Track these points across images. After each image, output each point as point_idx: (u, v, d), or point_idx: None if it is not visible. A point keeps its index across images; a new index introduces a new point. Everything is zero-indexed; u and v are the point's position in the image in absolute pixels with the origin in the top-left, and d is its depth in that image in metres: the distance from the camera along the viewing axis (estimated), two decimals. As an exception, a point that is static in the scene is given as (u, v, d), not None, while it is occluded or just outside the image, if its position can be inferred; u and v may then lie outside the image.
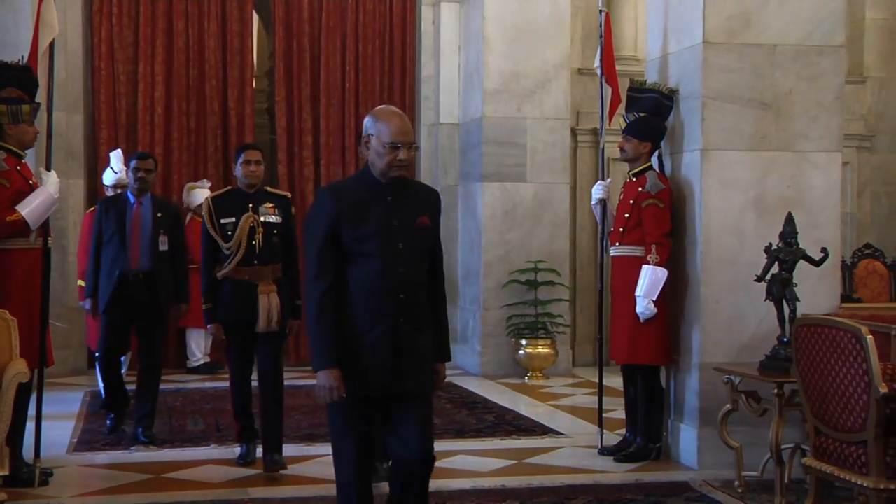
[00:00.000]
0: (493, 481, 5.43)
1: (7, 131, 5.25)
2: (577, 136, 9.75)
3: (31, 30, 5.58)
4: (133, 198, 6.31)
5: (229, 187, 6.09)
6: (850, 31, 8.99)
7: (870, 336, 4.06)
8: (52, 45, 5.48)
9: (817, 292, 5.60)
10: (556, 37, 9.03)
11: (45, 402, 5.45)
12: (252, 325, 5.53)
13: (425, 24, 9.77)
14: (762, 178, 5.71)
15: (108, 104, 9.22)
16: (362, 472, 3.65)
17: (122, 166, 7.11)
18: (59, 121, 8.76)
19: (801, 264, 5.16)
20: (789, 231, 5.16)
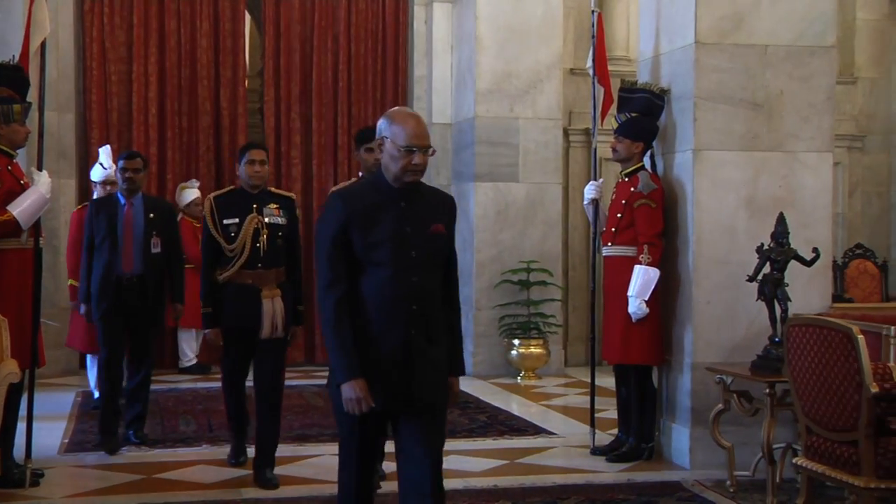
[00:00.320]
0: (486, 481, 5.43)
1: (-2, 131, 5.23)
2: (570, 136, 9.77)
3: (22, 29, 5.56)
4: (123, 199, 6.19)
5: (232, 186, 5.86)
6: (841, 31, 9.03)
7: (861, 336, 4.07)
8: (43, 45, 5.47)
9: (808, 292, 5.62)
10: (548, 37, 9.04)
11: (36, 402, 5.43)
12: (254, 332, 5.32)
13: (417, 24, 9.77)
14: (754, 178, 5.72)
15: (100, 104, 9.20)
16: (364, 479, 3.57)
17: (112, 162, 6.98)
18: (50, 120, 8.74)
19: (793, 264, 5.17)
20: (781, 231, 5.17)
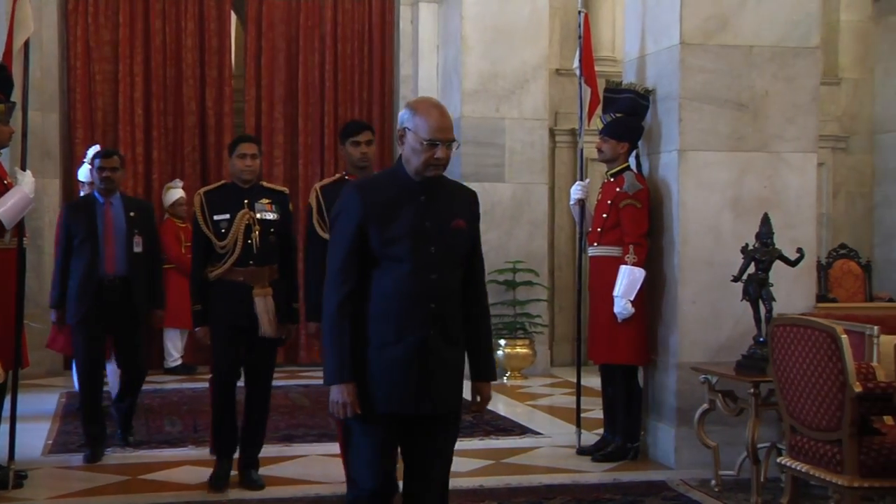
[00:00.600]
0: (472, 481, 5.43)
1: (-18, 131, 5.19)
2: (556, 136, 9.78)
3: (5, 28, 5.53)
4: (102, 198, 5.98)
5: (223, 181, 5.65)
6: (825, 33, 9.07)
7: (844, 336, 4.08)
8: (27, 44, 5.43)
9: (793, 292, 5.64)
10: (534, 37, 9.05)
11: (19, 403, 5.38)
12: (245, 332, 5.19)
13: (404, 24, 9.76)
14: (739, 178, 5.74)
15: (84, 103, 9.16)
16: (385, 487, 3.32)
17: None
18: (34, 120, 8.68)
19: (777, 264, 5.18)
20: (765, 231, 5.18)
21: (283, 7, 9.52)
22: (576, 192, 6.23)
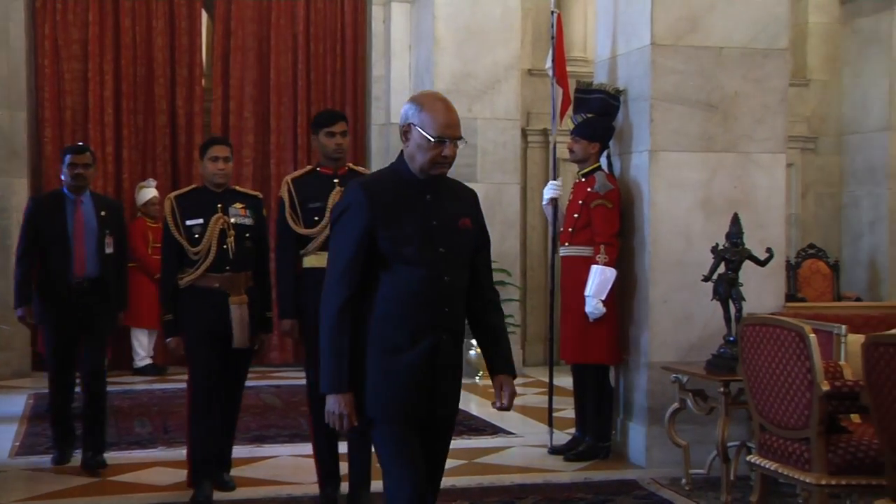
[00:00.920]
0: (444, 481, 5.29)
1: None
2: (528, 136, 9.80)
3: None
4: (72, 196, 5.69)
5: (194, 185, 5.53)
6: (794, 34, 9.17)
7: (813, 335, 4.12)
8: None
9: (762, 292, 5.67)
10: (506, 38, 9.06)
11: (-14, 404, 5.36)
12: (222, 341, 5.01)
13: (376, 24, 9.75)
14: (709, 179, 5.77)
15: (53, 102, 9.07)
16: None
17: None
18: (1, 119, 8.63)
19: (747, 264, 5.22)
20: (735, 231, 5.21)
21: (254, 6, 9.47)
22: (549, 191, 6.24)
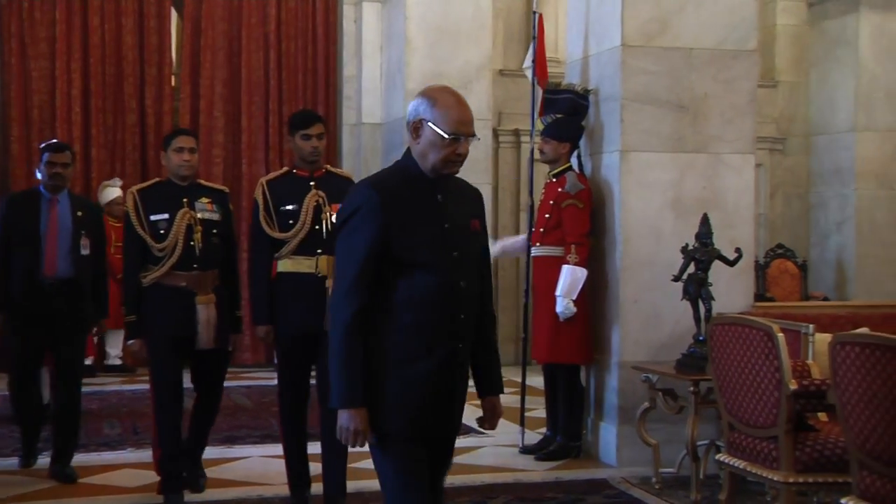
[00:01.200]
0: (415, 481, 5.42)
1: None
2: (499, 136, 9.82)
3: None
4: (48, 194, 5.51)
5: (157, 179, 5.32)
6: (762, 36, 9.23)
7: (781, 334, 4.15)
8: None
9: (732, 291, 5.71)
10: (477, 38, 9.07)
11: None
12: (189, 342, 4.85)
13: (347, 24, 9.75)
14: (679, 179, 5.81)
15: (20, 100, 8.99)
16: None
17: None
18: (-33, 117, 8.53)
19: (717, 264, 5.25)
20: (705, 231, 5.25)
21: (224, 5, 9.42)
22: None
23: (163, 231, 4.82)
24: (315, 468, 4.96)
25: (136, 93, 9.23)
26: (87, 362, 7.89)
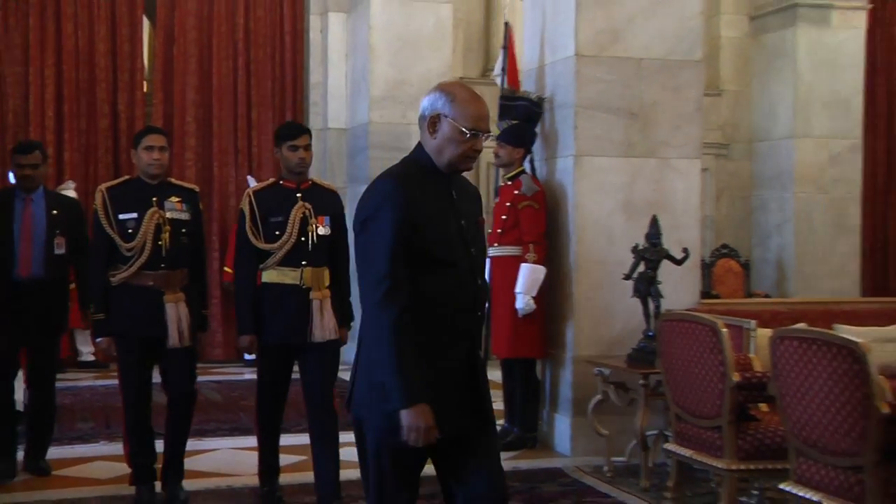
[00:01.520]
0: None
1: None
2: (459, 141, 9.98)
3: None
4: (22, 193, 5.36)
5: (126, 177, 5.19)
6: (708, 47, 9.48)
7: (725, 329, 4.32)
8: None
9: (679, 289, 5.83)
10: (438, 47, 9.17)
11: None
12: (157, 342, 4.75)
13: (313, 33, 9.84)
14: (630, 182, 5.95)
15: (-6, 105, 9.05)
16: None
17: None
18: (-58, 122, 8.52)
19: (665, 263, 5.40)
20: (654, 232, 5.39)
21: (196, 14, 9.52)
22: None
23: (131, 230, 4.72)
24: (284, 460, 5.04)
25: (108, 97, 9.30)
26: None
